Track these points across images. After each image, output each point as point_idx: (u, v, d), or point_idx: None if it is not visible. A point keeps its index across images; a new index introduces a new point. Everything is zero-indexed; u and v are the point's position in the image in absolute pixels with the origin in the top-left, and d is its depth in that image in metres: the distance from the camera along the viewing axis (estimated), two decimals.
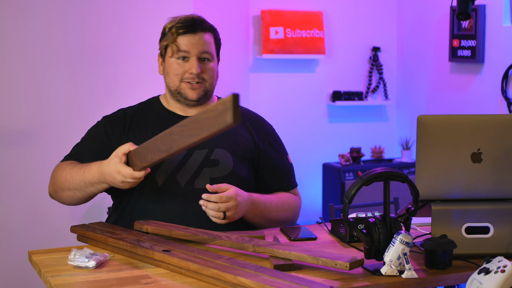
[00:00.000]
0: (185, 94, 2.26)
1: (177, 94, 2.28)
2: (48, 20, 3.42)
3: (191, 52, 2.24)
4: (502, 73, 4.09)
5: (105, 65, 3.56)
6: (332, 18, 4.91)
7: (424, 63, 4.83)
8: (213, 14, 4.36)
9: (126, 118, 2.32)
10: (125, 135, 2.28)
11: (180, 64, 2.25)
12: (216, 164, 2.21)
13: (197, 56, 2.24)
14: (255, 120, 2.38)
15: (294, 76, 4.86)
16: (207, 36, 2.27)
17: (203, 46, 2.25)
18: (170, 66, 2.27)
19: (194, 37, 2.24)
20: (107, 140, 2.28)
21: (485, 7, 4.21)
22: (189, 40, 2.24)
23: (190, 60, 2.24)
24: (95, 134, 2.32)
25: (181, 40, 2.24)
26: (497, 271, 1.56)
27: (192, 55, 2.24)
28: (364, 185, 1.79)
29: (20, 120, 3.41)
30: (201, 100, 2.28)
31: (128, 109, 2.36)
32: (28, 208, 3.40)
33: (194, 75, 2.24)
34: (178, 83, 2.26)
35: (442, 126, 1.93)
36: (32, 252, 2.01)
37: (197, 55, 2.24)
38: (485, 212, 1.93)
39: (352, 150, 4.77)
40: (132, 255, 1.93)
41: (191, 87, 2.25)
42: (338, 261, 1.73)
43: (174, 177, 2.20)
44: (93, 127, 2.35)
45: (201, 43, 2.25)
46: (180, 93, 2.27)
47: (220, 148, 2.24)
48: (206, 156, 2.22)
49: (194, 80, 2.24)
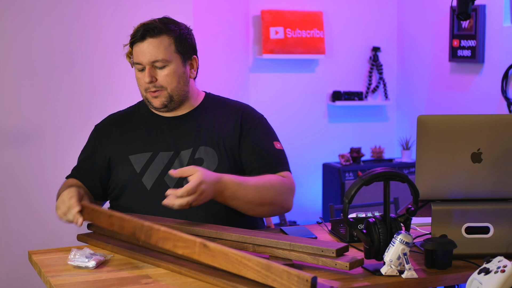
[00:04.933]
0: (151, 103, 2.25)
1: (148, 102, 2.27)
2: (48, 20, 3.42)
3: (142, 61, 2.20)
4: (502, 73, 4.09)
5: (105, 65, 3.56)
6: (332, 18, 4.91)
7: (424, 63, 4.84)
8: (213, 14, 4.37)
9: (112, 125, 2.33)
10: (112, 142, 2.29)
11: (141, 74, 2.22)
12: (201, 163, 2.20)
13: (149, 65, 2.19)
14: (243, 110, 2.34)
15: (294, 76, 4.86)
16: (158, 41, 2.19)
17: (152, 53, 2.18)
18: (135, 76, 2.26)
19: (143, 45, 2.19)
20: (92, 154, 2.30)
21: (485, 7, 4.22)
22: (139, 49, 2.20)
23: (145, 70, 2.21)
24: (85, 148, 2.35)
25: (134, 50, 2.22)
26: (497, 271, 1.56)
27: (145, 65, 2.19)
28: (364, 185, 1.79)
29: (20, 120, 3.40)
30: (170, 104, 2.25)
31: (115, 114, 2.38)
32: (28, 208, 3.40)
33: (149, 85, 2.21)
34: (144, 93, 2.24)
35: (442, 126, 1.93)
36: (32, 252, 2.01)
37: (148, 64, 2.19)
38: (485, 212, 1.93)
39: (352, 150, 4.77)
40: (132, 255, 1.93)
41: (153, 96, 2.23)
42: (338, 261, 1.74)
43: (161, 179, 2.19)
44: (86, 143, 2.37)
45: (150, 51, 2.18)
46: (149, 102, 2.26)
47: (204, 146, 2.23)
48: (191, 155, 2.21)
49: (151, 89, 2.21)
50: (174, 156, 2.21)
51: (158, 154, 2.22)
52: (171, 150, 2.22)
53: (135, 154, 2.23)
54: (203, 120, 2.28)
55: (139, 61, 2.20)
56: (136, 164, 2.22)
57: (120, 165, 2.23)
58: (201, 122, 2.28)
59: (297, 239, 1.85)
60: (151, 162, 2.21)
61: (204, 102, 2.34)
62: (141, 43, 2.19)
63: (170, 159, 2.21)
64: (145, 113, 2.33)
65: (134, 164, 2.22)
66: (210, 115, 2.30)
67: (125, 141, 2.27)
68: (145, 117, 2.32)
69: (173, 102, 2.24)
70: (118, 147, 2.27)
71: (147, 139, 2.26)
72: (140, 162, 2.22)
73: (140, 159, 2.22)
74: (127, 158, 2.23)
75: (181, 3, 3.65)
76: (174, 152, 2.22)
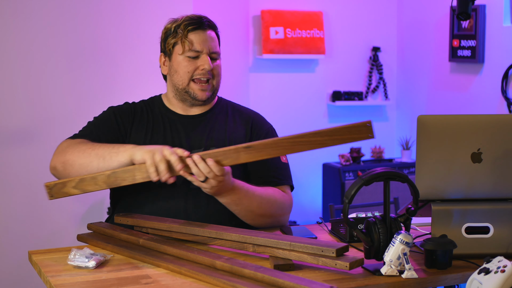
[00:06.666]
0: (195, 95, 2.24)
1: (185, 93, 2.25)
2: (48, 19, 3.42)
3: (203, 49, 2.22)
4: (502, 73, 4.09)
5: (105, 64, 3.56)
6: (332, 18, 4.91)
7: (424, 63, 4.84)
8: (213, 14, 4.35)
9: (132, 112, 2.30)
10: (130, 127, 2.27)
11: (191, 61, 2.22)
12: None
13: (208, 53, 2.23)
14: (253, 118, 2.36)
15: (294, 76, 4.86)
16: (213, 34, 2.27)
17: (212, 44, 2.24)
18: (179, 64, 2.24)
19: (204, 33, 2.23)
20: (117, 127, 2.26)
21: (485, 7, 4.22)
22: (200, 37, 2.22)
23: (201, 57, 2.22)
24: (105, 120, 2.28)
25: (192, 36, 2.22)
26: (497, 271, 1.56)
27: (204, 53, 2.22)
28: (364, 185, 1.79)
29: (20, 119, 3.41)
30: (210, 98, 2.27)
31: (132, 104, 2.35)
32: (28, 208, 3.40)
33: (206, 71, 2.21)
34: (188, 81, 2.23)
35: (442, 126, 1.93)
36: (32, 252, 2.01)
37: (207, 52, 2.23)
38: (485, 212, 1.93)
39: (352, 150, 4.77)
40: (132, 255, 1.93)
41: (200, 88, 2.23)
42: (338, 261, 1.74)
43: None
44: (102, 114, 2.31)
45: (210, 41, 2.24)
46: (188, 93, 2.25)
47: (215, 148, 2.23)
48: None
49: (205, 76, 2.22)
50: None
51: None
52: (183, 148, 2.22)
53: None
54: (216, 122, 2.30)
55: (199, 49, 2.22)
56: None
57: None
58: (213, 125, 2.29)
59: (297, 239, 1.85)
60: None
61: (217, 105, 2.35)
62: (202, 31, 2.23)
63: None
64: (160, 108, 2.32)
65: None
66: (222, 119, 2.31)
67: (141, 130, 2.26)
68: (161, 112, 2.31)
69: (212, 96, 2.28)
70: (134, 135, 2.24)
71: (162, 134, 2.26)
72: None
73: None
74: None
75: (181, 3, 3.66)
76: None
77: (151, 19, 3.61)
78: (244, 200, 2.12)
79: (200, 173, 1.97)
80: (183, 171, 1.97)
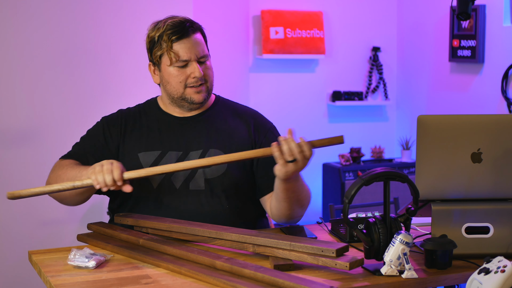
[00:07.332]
0: (192, 99, 2.22)
1: (182, 100, 2.24)
2: (48, 20, 3.42)
3: (190, 57, 2.18)
4: (502, 73, 4.09)
5: (104, 65, 3.56)
6: (332, 18, 4.91)
7: (424, 63, 4.84)
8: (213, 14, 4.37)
9: (124, 120, 2.30)
10: (122, 136, 2.27)
11: (181, 70, 2.20)
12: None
13: (196, 60, 2.20)
14: (254, 117, 2.35)
15: (294, 76, 4.86)
16: (198, 36, 2.22)
17: (199, 49, 2.20)
18: (169, 75, 2.21)
19: (189, 40, 2.19)
20: (105, 142, 2.27)
21: (485, 7, 4.21)
22: (185, 45, 2.18)
23: (190, 65, 2.19)
24: (94, 135, 2.30)
25: (177, 47, 2.18)
26: (497, 271, 1.56)
27: (192, 60, 2.19)
28: (364, 185, 1.79)
29: (20, 120, 3.40)
30: (206, 99, 2.26)
31: (126, 110, 2.35)
32: (28, 208, 3.40)
33: (197, 78, 2.20)
34: (182, 90, 2.22)
35: (442, 126, 1.93)
36: (32, 252, 2.01)
37: (195, 59, 2.19)
38: (485, 212, 1.93)
39: (352, 150, 4.77)
40: (132, 255, 1.93)
41: (196, 91, 2.22)
42: (338, 261, 1.74)
43: (168, 179, 2.19)
44: (92, 128, 2.33)
45: (196, 46, 2.20)
46: (185, 99, 2.23)
47: (214, 149, 2.22)
48: (200, 157, 2.20)
49: (197, 83, 2.20)
50: (183, 156, 2.21)
51: (167, 153, 2.21)
52: (180, 150, 2.22)
53: (144, 151, 2.22)
54: (214, 122, 2.28)
55: (186, 58, 2.19)
56: (144, 162, 2.20)
57: (128, 161, 2.20)
58: (212, 125, 2.28)
59: (297, 239, 1.85)
60: (159, 161, 2.20)
61: (215, 104, 2.34)
62: (187, 39, 2.19)
63: (179, 159, 2.20)
64: (156, 112, 2.31)
65: (142, 161, 2.20)
66: (221, 119, 2.30)
67: (135, 137, 2.26)
68: (156, 116, 2.30)
69: (208, 97, 2.26)
70: (128, 143, 2.25)
71: (157, 138, 2.25)
72: (149, 160, 2.20)
73: (149, 157, 2.21)
74: (136, 155, 2.22)
75: (181, 3, 3.65)
76: (183, 152, 2.21)
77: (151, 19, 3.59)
78: (301, 188, 2.14)
79: (291, 152, 1.95)
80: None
